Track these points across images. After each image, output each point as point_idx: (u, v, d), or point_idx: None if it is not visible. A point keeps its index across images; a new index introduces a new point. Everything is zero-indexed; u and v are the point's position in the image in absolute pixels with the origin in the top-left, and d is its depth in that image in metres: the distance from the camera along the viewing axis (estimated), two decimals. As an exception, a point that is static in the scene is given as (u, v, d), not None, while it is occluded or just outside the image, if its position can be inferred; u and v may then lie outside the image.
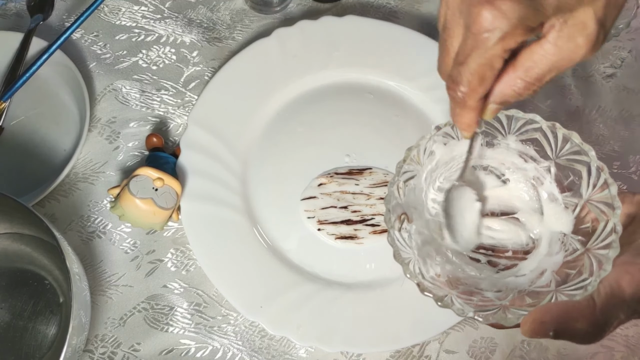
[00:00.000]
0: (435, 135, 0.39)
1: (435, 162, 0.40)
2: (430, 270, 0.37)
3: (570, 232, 0.37)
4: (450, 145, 0.40)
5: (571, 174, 0.38)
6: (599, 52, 0.57)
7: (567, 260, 0.36)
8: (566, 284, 0.34)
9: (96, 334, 0.46)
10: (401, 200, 0.38)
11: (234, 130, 0.51)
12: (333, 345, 0.45)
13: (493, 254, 0.40)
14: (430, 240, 0.39)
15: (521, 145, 0.40)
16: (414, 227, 0.39)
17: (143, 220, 0.46)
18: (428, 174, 0.40)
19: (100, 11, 0.57)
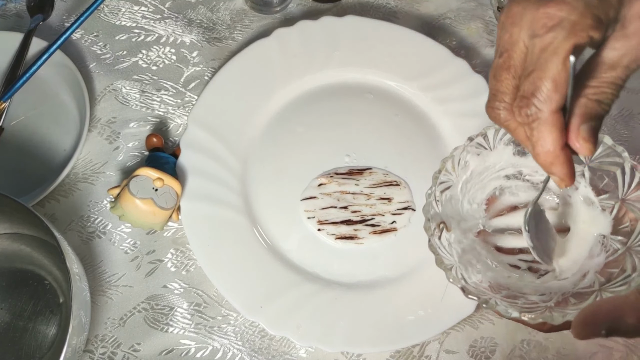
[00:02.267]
0: (469, 146, 0.39)
1: (469, 172, 0.41)
2: (472, 277, 0.37)
3: (610, 234, 0.38)
4: (483, 156, 0.41)
5: (605, 176, 0.38)
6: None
7: (609, 260, 0.37)
8: (610, 282, 0.34)
9: (96, 334, 0.46)
10: (439, 210, 0.39)
11: (234, 130, 0.51)
12: (333, 346, 0.45)
13: (533, 261, 0.40)
14: (470, 249, 0.39)
15: None
16: (452, 236, 0.39)
17: (143, 221, 0.46)
18: (463, 185, 0.41)
19: (100, 11, 0.57)
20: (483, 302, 0.35)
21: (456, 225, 0.40)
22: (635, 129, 0.55)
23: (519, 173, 0.43)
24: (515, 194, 0.44)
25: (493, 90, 0.32)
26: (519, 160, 0.42)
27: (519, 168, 0.43)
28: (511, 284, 0.39)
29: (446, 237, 0.39)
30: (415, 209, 0.49)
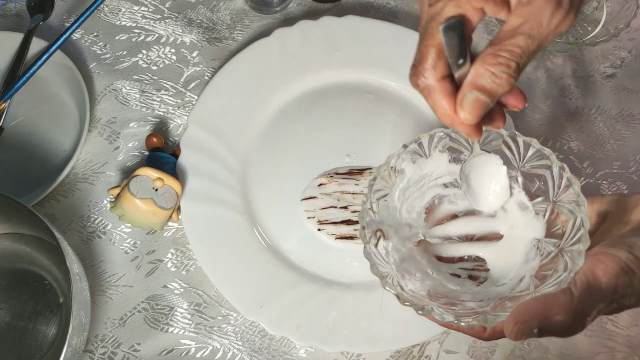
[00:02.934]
0: (403, 154, 0.39)
1: (406, 180, 0.40)
2: (409, 285, 0.37)
3: (544, 237, 0.38)
4: (419, 164, 0.40)
5: (537, 180, 0.38)
6: (599, 52, 0.57)
7: (544, 263, 0.37)
8: (544, 284, 0.34)
9: (96, 334, 0.46)
10: (375, 217, 0.38)
11: (234, 130, 0.51)
12: (333, 345, 0.45)
13: (473, 269, 0.41)
14: (409, 257, 0.39)
15: None
16: (390, 244, 0.39)
17: (143, 221, 0.46)
18: (400, 193, 0.40)
19: (100, 11, 0.57)
20: (419, 309, 0.35)
21: (394, 233, 0.40)
22: (636, 129, 0.55)
23: (456, 181, 0.42)
24: (454, 202, 0.43)
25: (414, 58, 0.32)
26: (455, 168, 0.41)
27: (455, 176, 0.42)
28: (450, 291, 0.38)
29: (383, 244, 0.38)
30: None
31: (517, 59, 0.29)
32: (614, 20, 0.54)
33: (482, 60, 0.29)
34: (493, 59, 0.29)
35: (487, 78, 0.29)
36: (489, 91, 0.29)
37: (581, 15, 0.56)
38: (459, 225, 0.42)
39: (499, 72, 0.29)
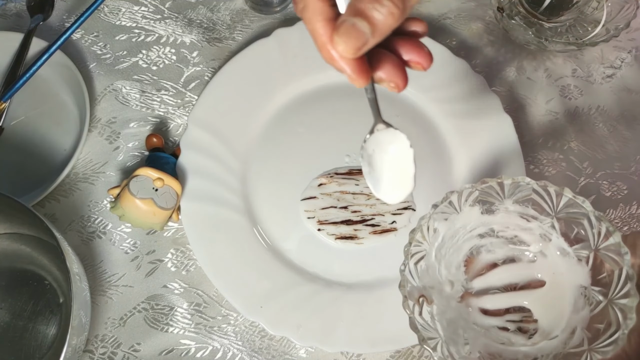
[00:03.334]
0: (434, 214, 0.39)
1: (441, 238, 0.41)
2: (460, 350, 0.37)
3: (590, 284, 0.38)
4: (451, 220, 0.41)
5: (575, 226, 0.38)
6: (599, 52, 0.57)
7: (594, 314, 0.37)
8: (598, 340, 0.34)
9: (96, 334, 0.46)
10: (416, 283, 0.38)
11: (234, 130, 0.51)
12: (333, 346, 0.45)
13: (521, 321, 0.41)
14: (456, 318, 0.39)
15: (519, 207, 0.41)
16: (435, 308, 0.39)
17: (143, 221, 0.46)
18: (437, 252, 0.41)
19: (100, 11, 0.57)
20: None
21: (437, 294, 0.40)
22: (636, 130, 0.55)
23: (491, 230, 0.43)
24: (492, 251, 0.43)
25: None
26: (487, 219, 0.42)
27: (490, 226, 0.43)
28: (502, 350, 0.38)
29: (427, 310, 0.38)
30: (415, 209, 0.49)
31: None
32: (614, 21, 0.54)
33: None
34: None
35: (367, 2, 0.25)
36: (368, 19, 0.26)
37: (581, 15, 0.56)
38: (500, 274, 0.43)
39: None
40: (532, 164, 0.53)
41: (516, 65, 0.57)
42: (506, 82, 0.56)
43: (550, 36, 0.55)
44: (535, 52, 0.57)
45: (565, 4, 0.56)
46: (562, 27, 0.57)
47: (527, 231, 0.42)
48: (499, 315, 0.42)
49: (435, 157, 0.52)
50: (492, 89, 0.53)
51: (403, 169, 0.32)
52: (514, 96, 0.56)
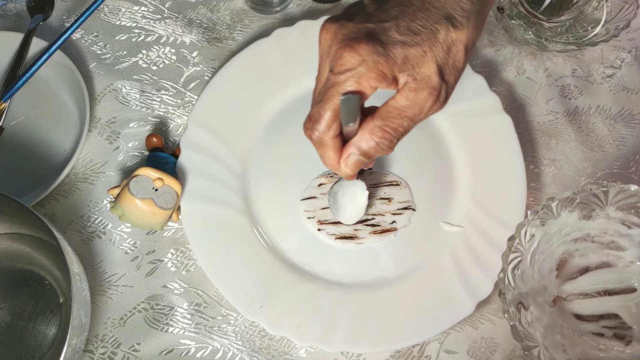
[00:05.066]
0: (533, 220, 0.40)
1: (537, 243, 0.42)
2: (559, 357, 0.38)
3: None
4: (548, 225, 0.42)
5: None
6: (599, 52, 0.57)
7: None
8: None
9: (96, 334, 0.46)
10: (515, 290, 0.39)
11: (234, 130, 0.51)
12: (333, 345, 0.45)
13: (617, 327, 0.42)
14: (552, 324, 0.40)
15: (622, 213, 0.42)
16: (530, 315, 0.40)
17: (143, 221, 0.46)
18: (532, 257, 0.42)
19: (100, 11, 0.57)
20: None
21: (532, 300, 0.41)
22: (636, 129, 0.55)
23: (587, 235, 0.44)
24: (585, 256, 0.45)
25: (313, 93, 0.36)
26: (585, 224, 0.43)
27: (586, 231, 0.44)
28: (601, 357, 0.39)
29: (525, 317, 0.39)
30: (415, 208, 0.49)
31: (399, 136, 0.35)
32: (614, 20, 0.54)
33: (370, 131, 0.34)
34: (380, 132, 0.34)
35: (371, 147, 0.35)
36: (370, 155, 0.35)
37: (581, 15, 0.56)
38: (592, 278, 0.44)
39: (382, 143, 0.34)
40: (532, 163, 0.53)
41: (516, 65, 0.57)
42: (506, 82, 0.56)
43: (550, 36, 0.55)
44: (535, 52, 0.57)
45: (565, 4, 0.56)
46: (562, 27, 0.57)
47: (626, 237, 0.43)
48: (594, 321, 0.42)
49: (435, 157, 0.52)
50: (492, 88, 0.53)
51: (358, 203, 0.45)
52: (514, 96, 0.56)
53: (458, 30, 0.33)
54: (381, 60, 0.32)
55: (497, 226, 0.48)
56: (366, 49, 0.32)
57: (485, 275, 0.46)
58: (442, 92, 0.34)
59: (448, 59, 0.33)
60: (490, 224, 0.48)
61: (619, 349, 0.40)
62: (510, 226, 0.47)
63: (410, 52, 0.32)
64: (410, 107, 0.34)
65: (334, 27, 0.33)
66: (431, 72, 0.33)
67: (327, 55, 0.34)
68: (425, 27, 0.33)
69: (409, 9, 0.33)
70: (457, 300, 0.46)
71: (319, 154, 0.36)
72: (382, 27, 0.33)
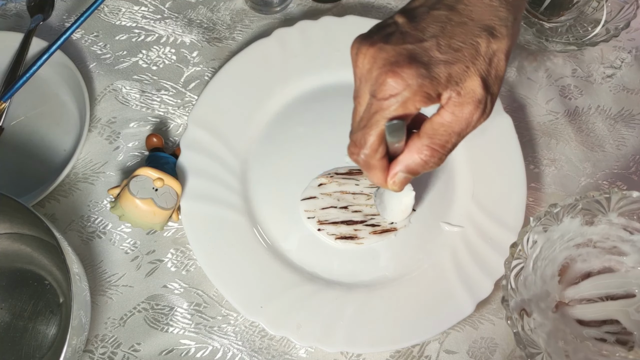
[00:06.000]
0: (536, 227, 0.40)
1: (539, 249, 0.42)
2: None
3: None
4: (551, 231, 0.42)
5: None
6: (599, 52, 0.57)
7: None
8: None
9: (96, 334, 0.46)
10: (518, 297, 0.39)
11: (234, 130, 0.51)
12: (333, 345, 0.45)
13: (619, 332, 0.42)
14: (554, 330, 0.40)
15: (624, 219, 0.42)
16: (533, 321, 0.40)
17: (143, 221, 0.46)
18: (534, 263, 0.42)
19: (100, 11, 0.57)
20: None
21: (535, 306, 0.41)
22: (636, 129, 0.55)
23: (589, 241, 0.44)
24: (587, 261, 0.45)
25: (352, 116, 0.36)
26: (587, 230, 0.43)
27: (588, 237, 0.44)
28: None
29: (528, 323, 0.39)
30: (415, 208, 0.49)
31: (447, 152, 0.34)
32: (614, 21, 0.54)
33: (418, 150, 0.34)
34: (428, 150, 0.34)
35: (419, 165, 0.34)
36: (418, 173, 0.35)
37: (581, 15, 0.56)
38: (594, 283, 0.44)
39: (431, 161, 0.34)
40: (532, 163, 0.53)
41: (516, 65, 0.57)
42: (506, 82, 0.56)
43: (550, 36, 0.55)
44: (535, 52, 0.57)
45: (566, 4, 0.56)
46: (562, 27, 0.57)
47: (628, 243, 0.44)
48: (597, 326, 0.42)
49: (435, 157, 0.52)
50: (492, 89, 0.53)
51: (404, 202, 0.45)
52: (514, 96, 0.56)
53: (498, 41, 0.33)
54: (426, 82, 0.32)
55: (497, 226, 0.48)
56: (409, 73, 0.31)
57: (486, 275, 0.46)
58: (487, 104, 0.33)
59: (490, 69, 0.33)
60: (490, 224, 0.48)
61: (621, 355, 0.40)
62: (510, 226, 0.48)
63: (454, 69, 0.32)
64: (457, 122, 0.33)
65: (372, 52, 0.33)
66: (475, 86, 0.32)
67: (366, 80, 0.33)
68: (466, 42, 0.32)
69: (447, 26, 0.33)
70: (457, 300, 0.46)
71: (366, 174, 0.36)
72: (423, 47, 0.32)
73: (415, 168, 0.35)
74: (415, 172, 0.35)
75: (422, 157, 0.34)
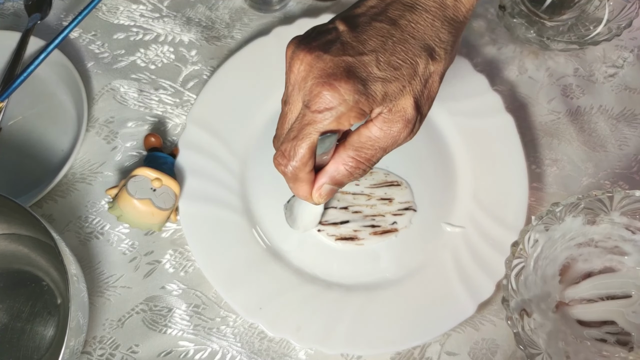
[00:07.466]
0: (537, 226, 0.40)
1: (540, 248, 0.42)
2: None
3: None
4: (552, 230, 0.42)
5: None
6: (601, 51, 0.57)
7: None
8: None
9: (94, 335, 0.46)
10: (519, 297, 0.39)
11: (233, 130, 0.51)
12: (333, 347, 0.44)
13: (620, 333, 0.42)
14: (555, 330, 0.40)
15: (627, 219, 0.42)
16: (533, 322, 0.40)
17: (141, 221, 0.45)
18: (535, 262, 0.42)
19: (98, 10, 0.56)
20: None
21: (535, 306, 0.41)
22: (638, 129, 0.55)
23: (590, 240, 0.44)
24: (588, 261, 0.45)
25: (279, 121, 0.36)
26: (589, 229, 0.43)
27: (590, 236, 0.44)
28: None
29: (528, 323, 0.39)
30: (416, 209, 0.49)
31: (371, 165, 0.35)
32: (616, 20, 0.53)
33: (343, 161, 0.34)
34: (354, 162, 0.34)
35: (345, 176, 0.35)
36: (342, 184, 0.36)
37: (583, 14, 0.56)
38: (594, 283, 0.44)
39: (355, 173, 0.35)
40: (534, 163, 0.53)
41: (518, 65, 0.56)
42: (508, 81, 0.56)
43: (552, 35, 0.54)
44: (537, 51, 0.57)
45: (567, 3, 0.56)
46: (564, 26, 0.56)
47: (630, 242, 0.43)
48: (597, 327, 0.42)
49: (436, 157, 0.51)
50: (494, 88, 0.53)
51: (311, 214, 0.45)
52: (516, 95, 0.55)
53: (436, 63, 0.33)
54: (362, 99, 0.31)
55: (498, 227, 0.48)
56: (346, 88, 0.31)
57: (487, 276, 0.46)
58: (416, 123, 0.34)
59: (424, 90, 0.33)
60: (491, 225, 0.48)
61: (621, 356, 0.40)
62: (512, 227, 0.47)
63: (390, 88, 0.32)
64: (384, 138, 0.33)
65: (309, 59, 0.32)
66: (407, 105, 0.32)
67: (300, 87, 0.33)
68: (405, 61, 0.32)
69: (389, 41, 0.32)
70: (458, 301, 0.46)
71: (291, 187, 0.36)
72: (362, 61, 0.32)
73: (340, 179, 0.35)
74: (340, 184, 0.35)
75: (347, 169, 0.34)
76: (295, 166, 0.34)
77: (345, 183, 0.35)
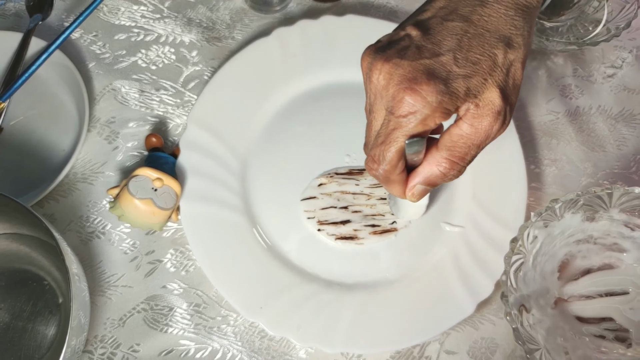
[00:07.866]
0: (536, 222, 0.40)
1: (539, 244, 0.42)
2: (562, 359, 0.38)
3: None
4: (551, 226, 0.42)
5: None
6: (600, 51, 0.57)
7: None
8: None
9: (95, 334, 0.46)
10: (517, 292, 0.39)
11: (234, 130, 0.51)
12: (333, 346, 0.44)
13: (618, 329, 0.42)
14: (553, 326, 0.40)
15: (626, 215, 0.42)
16: (531, 317, 0.40)
17: (142, 221, 0.46)
18: (534, 258, 0.42)
19: (100, 11, 0.57)
20: None
21: (534, 302, 0.41)
22: (636, 129, 0.55)
23: (589, 237, 0.44)
24: (587, 257, 0.45)
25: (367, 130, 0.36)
26: (588, 226, 0.43)
27: (589, 233, 0.44)
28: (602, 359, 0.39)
29: (527, 319, 0.40)
30: (415, 209, 0.49)
31: (467, 164, 0.34)
32: (615, 20, 0.54)
33: (437, 163, 0.34)
34: (447, 163, 0.34)
35: (439, 177, 0.35)
36: (436, 185, 0.36)
37: (582, 14, 0.56)
38: (592, 280, 0.44)
39: (450, 174, 0.34)
40: (533, 163, 0.53)
41: (517, 65, 0.57)
42: (507, 81, 0.56)
43: (551, 36, 0.55)
44: (535, 51, 0.57)
45: (566, 4, 0.56)
46: (562, 27, 0.56)
47: (629, 239, 0.44)
48: (596, 323, 0.42)
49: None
50: (493, 88, 0.53)
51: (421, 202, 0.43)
52: (515, 96, 0.55)
53: (515, 51, 0.33)
54: (445, 98, 0.31)
55: (498, 226, 0.48)
56: (428, 90, 0.31)
57: (486, 275, 0.46)
58: (507, 114, 0.33)
59: (508, 80, 0.33)
60: (491, 224, 0.48)
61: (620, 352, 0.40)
62: (511, 226, 0.47)
63: (472, 82, 0.32)
64: (476, 134, 0.33)
65: (388, 67, 0.32)
66: (494, 97, 0.32)
67: (382, 96, 0.33)
68: (483, 55, 0.32)
69: (464, 38, 0.32)
70: (457, 300, 0.46)
71: (385, 187, 0.37)
72: (440, 61, 0.32)
73: (434, 180, 0.35)
74: (434, 184, 0.35)
75: (441, 170, 0.34)
76: (386, 169, 0.34)
77: (439, 183, 0.35)
